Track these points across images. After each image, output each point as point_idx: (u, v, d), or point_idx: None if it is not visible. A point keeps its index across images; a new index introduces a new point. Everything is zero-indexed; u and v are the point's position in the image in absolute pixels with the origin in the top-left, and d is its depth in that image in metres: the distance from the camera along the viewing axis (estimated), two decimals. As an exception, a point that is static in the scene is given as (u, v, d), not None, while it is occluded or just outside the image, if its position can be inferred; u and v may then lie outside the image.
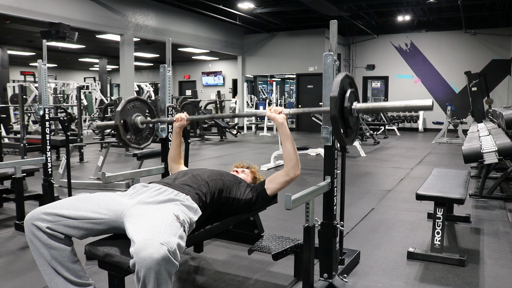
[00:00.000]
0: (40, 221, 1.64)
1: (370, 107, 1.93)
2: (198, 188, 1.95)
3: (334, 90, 1.81)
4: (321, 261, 2.14)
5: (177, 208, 1.74)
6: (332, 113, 1.80)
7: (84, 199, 1.75)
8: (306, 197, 1.91)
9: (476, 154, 4.07)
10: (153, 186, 1.90)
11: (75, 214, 1.67)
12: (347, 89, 1.91)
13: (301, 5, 10.41)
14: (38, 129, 9.47)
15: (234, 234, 2.61)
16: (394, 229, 3.33)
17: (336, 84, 1.83)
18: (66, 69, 19.79)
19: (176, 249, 1.47)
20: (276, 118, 2.07)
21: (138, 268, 1.42)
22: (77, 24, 8.64)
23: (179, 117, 2.41)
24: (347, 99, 1.87)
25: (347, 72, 1.97)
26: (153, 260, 1.39)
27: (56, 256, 1.67)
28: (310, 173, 5.84)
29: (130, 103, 2.50)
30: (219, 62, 16.82)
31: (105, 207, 1.71)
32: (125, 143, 2.48)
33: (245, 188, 2.16)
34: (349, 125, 1.94)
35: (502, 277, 2.44)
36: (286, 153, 2.09)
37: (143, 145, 2.61)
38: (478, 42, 13.00)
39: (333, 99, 1.79)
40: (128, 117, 2.48)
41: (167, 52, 2.73)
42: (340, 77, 1.85)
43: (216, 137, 11.13)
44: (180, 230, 1.59)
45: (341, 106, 1.86)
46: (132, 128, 2.50)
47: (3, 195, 3.80)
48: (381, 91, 14.91)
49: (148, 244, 1.42)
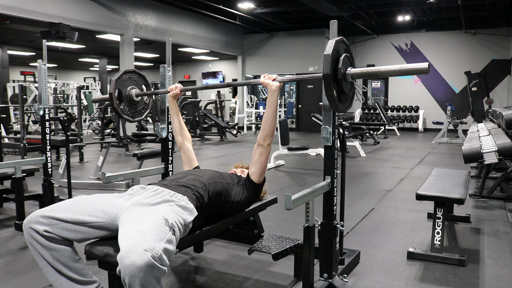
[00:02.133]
0: (37, 224, 1.64)
1: (365, 71, 1.88)
2: (196, 189, 1.94)
3: (328, 49, 1.75)
4: (321, 261, 2.14)
5: (169, 209, 1.73)
6: (324, 71, 1.72)
7: (81, 201, 1.74)
8: (306, 197, 1.91)
9: (476, 154, 4.07)
10: (151, 188, 1.90)
11: (71, 218, 1.67)
12: (342, 53, 1.85)
13: (301, 5, 10.41)
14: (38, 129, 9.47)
15: (234, 234, 2.61)
16: (394, 229, 3.33)
17: (330, 44, 1.77)
18: (66, 69, 19.79)
19: (161, 254, 1.45)
20: (270, 84, 2.10)
21: (123, 275, 1.41)
22: (77, 24, 8.64)
23: (174, 86, 2.46)
24: (341, 61, 1.81)
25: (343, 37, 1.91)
26: (136, 267, 1.38)
27: (57, 257, 1.67)
28: (310, 173, 5.84)
29: (126, 74, 2.50)
30: (219, 62, 16.82)
31: (101, 210, 1.71)
32: (117, 113, 2.47)
33: (241, 186, 2.18)
34: (343, 90, 1.86)
35: (502, 277, 2.44)
36: (264, 120, 2.16)
37: (136, 118, 2.60)
38: (478, 42, 13.00)
39: (327, 57, 1.72)
40: (124, 88, 2.48)
41: (167, 52, 2.73)
42: (335, 39, 1.81)
43: (216, 137, 11.13)
44: (169, 234, 1.57)
45: (335, 68, 1.79)
46: (126, 99, 2.49)
47: (3, 195, 3.80)
48: (381, 91, 14.92)
49: (132, 251, 1.41)
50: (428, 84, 13.78)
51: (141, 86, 2.60)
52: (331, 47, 1.76)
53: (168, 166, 2.66)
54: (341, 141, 2.24)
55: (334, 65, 1.79)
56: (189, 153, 2.47)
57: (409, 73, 1.80)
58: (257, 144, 2.18)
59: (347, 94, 1.93)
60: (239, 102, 14.38)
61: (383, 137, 11.13)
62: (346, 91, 1.90)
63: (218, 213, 2.08)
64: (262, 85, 2.15)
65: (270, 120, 2.14)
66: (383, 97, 14.67)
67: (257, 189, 2.23)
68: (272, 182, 5.16)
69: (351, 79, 1.87)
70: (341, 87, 1.85)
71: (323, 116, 2.06)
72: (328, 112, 2.03)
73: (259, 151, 2.18)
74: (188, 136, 2.53)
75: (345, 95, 1.91)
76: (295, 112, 14.49)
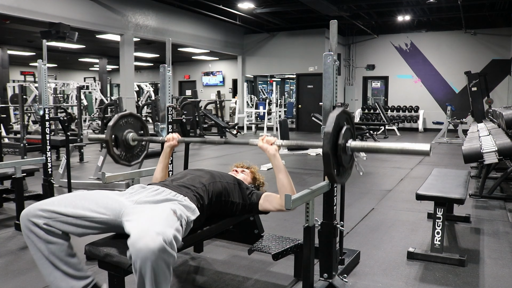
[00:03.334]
0: (36, 217, 1.63)
1: (365, 146, 1.83)
2: (196, 190, 1.94)
3: (328, 125, 1.73)
4: (321, 261, 2.14)
5: (174, 205, 1.74)
6: (324, 150, 1.70)
7: (82, 197, 1.74)
8: (306, 197, 1.91)
9: (476, 154, 4.07)
10: (151, 187, 1.90)
11: (72, 212, 1.66)
12: (343, 125, 1.83)
13: (301, 5, 10.40)
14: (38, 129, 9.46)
15: (234, 234, 2.61)
16: (394, 229, 3.33)
17: (331, 119, 1.75)
18: (66, 69, 19.78)
19: (172, 240, 1.45)
20: (268, 149, 1.99)
21: (134, 259, 1.40)
22: (77, 24, 8.63)
23: (171, 137, 2.34)
24: (342, 136, 1.78)
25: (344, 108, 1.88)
26: (149, 250, 1.38)
27: (53, 251, 1.66)
28: (310, 173, 5.84)
29: (123, 119, 2.45)
30: (219, 62, 16.82)
31: (103, 206, 1.71)
32: (114, 159, 2.42)
33: (244, 191, 2.13)
34: (342, 163, 1.83)
35: (502, 277, 2.44)
36: (280, 185, 1.98)
37: (133, 162, 2.54)
38: (478, 42, 12.99)
39: (327, 134, 1.70)
40: (120, 132, 2.43)
41: (167, 52, 2.73)
42: (336, 112, 1.78)
43: (216, 137, 11.13)
44: (177, 224, 1.58)
45: (335, 143, 1.77)
46: (123, 144, 2.44)
47: (3, 195, 3.80)
48: (381, 91, 14.92)
49: (144, 234, 1.41)
50: (428, 84, 13.77)
51: (137, 129, 2.55)
52: (332, 122, 1.73)
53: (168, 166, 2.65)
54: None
55: (334, 141, 1.76)
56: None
57: (411, 153, 1.76)
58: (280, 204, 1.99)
59: (346, 167, 1.90)
60: (239, 102, 14.37)
61: (383, 137, 11.13)
62: (345, 164, 1.86)
63: (219, 213, 2.08)
64: (261, 149, 2.03)
65: (288, 183, 1.98)
66: (383, 97, 14.67)
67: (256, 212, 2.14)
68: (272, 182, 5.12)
69: (350, 152, 1.84)
70: (340, 161, 1.81)
71: (323, 116, 2.06)
72: (328, 112, 2.03)
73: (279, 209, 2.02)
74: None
75: (343, 167, 1.88)
76: (295, 112, 14.49)
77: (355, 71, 14.75)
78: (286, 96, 18.01)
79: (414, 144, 1.72)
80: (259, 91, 16.83)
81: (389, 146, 1.80)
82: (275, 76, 16.78)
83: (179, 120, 3.14)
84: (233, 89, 16.40)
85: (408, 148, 1.73)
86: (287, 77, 17.88)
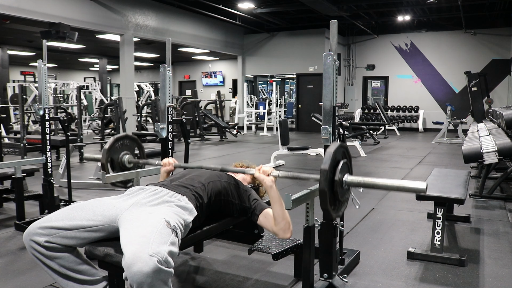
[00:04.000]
0: (37, 236, 1.66)
1: (361, 181, 1.80)
2: (195, 190, 1.94)
3: (325, 162, 1.71)
4: (321, 261, 2.14)
5: (170, 211, 1.73)
6: (320, 187, 1.69)
7: (78, 208, 1.75)
8: (306, 197, 1.91)
9: (476, 154, 4.07)
10: (149, 188, 1.90)
11: (70, 225, 1.67)
12: (339, 159, 1.82)
13: (301, 5, 10.40)
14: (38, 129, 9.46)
15: (234, 234, 2.61)
16: (394, 229, 3.33)
17: (328, 156, 1.73)
18: (66, 69, 19.78)
19: (167, 257, 1.46)
20: (265, 180, 1.94)
21: (130, 282, 1.43)
22: (77, 24, 8.63)
23: (167, 162, 2.31)
24: (339, 171, 1.77)
25: (342, 143, 1.88)
26: (143, 274, 1.39)
27: (63, 264, 1.69)
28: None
29: (118, 141, 2.44)
30: (219, 62, 16.82)
31: (100, 214, 1.71)
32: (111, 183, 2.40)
33: (243, 193, 2.11)
34: (338, 197, 1.81)
35: (502, 277, 2.44)
36: (276, 216, 1.94)
37: (129, 184, 2.51)
38: (478, 42, 12.99)
39: (324, 172, 1.69)
40: (116, 155, 2.42)
41: (167, 52, 2.73)
42: (333, 148, 1.76)
43: (216, 137, 11.13)
44: (172, 236, 1.57)
45: (332, 179, 1.75)
46: (119, 167, 2.43)
47: (3, 195, 3.80)
48: (381, 91, 14.92)
49: (137, 257, 1.42)
50: (428, 84, 13.78)
51: (133, 150, 2.54)
52: (328, 158, 1.72)
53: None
54: (341, 141, 2.24)
55: (331, 177, 1.74)
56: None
57: (407, 191, 1.74)
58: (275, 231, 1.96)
59: (342, 201, 1.88)
60: (239, 102, 14.37)
61: (383, 137, 11.13)
62: (341, 199, 1.85)
63: (218, 212, 2.07)
64: (257, 179, 2.00)
65: (282, 215, 1.93)
66: (383, 97, 14.67)
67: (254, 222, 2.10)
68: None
69: (347, 186, 1.82)
70: (336, 196, 1.80)
71: (323, 116, 2.06)
72: (328, 112, 2.03)
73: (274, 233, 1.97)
74: None
75: (340, 202, 1.86)
76: (295, 112, 14.49)
77: (355, 71, 14.75)
78: (286, 96, 18.01)
79: (411, 182, 1.70)
80: (259, 91, 16.82)
81: (386, 182, 1.77)
82: (275, 76, 16.78)
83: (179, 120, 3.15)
84: (233, 89, 16.40)
85: (405, 186, 1.72)
86: (287, 77, 17.88)
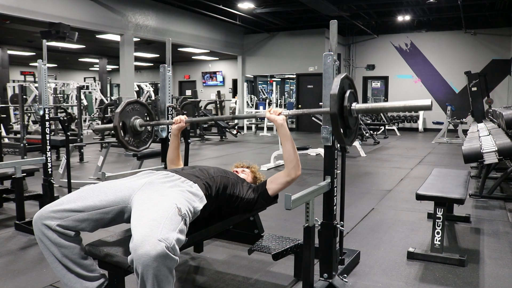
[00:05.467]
0: (49, 219, 1.65)
1: (369, 107, 1.95)
2: (205, 179, 1.97)
3: (334, 88, 1.82)
4: (321, 261, 2.14)
5: (181, 196, 1.74)
6: (331, 111, 1.80)
7: (90, 190, 1.75)
8: (306, 197, 1.91)
9: (476, 154, 4.07)
10: (160, 172, 1.92)
11: (82, 206, 1.68)
12: (346, 89, 1.92)
13: (301, 5, 10.40)
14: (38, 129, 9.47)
15: (234, 234, 2.61)
16: (394, 229, 3.33)
17: (336, 83, 1.84)
18: (66, 69, 19.78)
19: (174, 244, 1.46)
20: (276, 119, 2.07)
21: (136, 264, 1.42)
22: (77, 24, 8.63)
23: (178, 119, 2.40)
24: (347, 99, 1.89)
25: (346, 73, 1.98)
26: (150, 257, 1.39)
27: (66, 254, 1.68)
28: (310, 173, 5.84)
29: (129, 106, 2.49)
30: (219, 62, 16.82)
31: (112, 194, 1.72)
32: (123, 145, 2.47)
33: (247, 188, 2.15)
34: (349, 125, 1.94)
35: (502, 277, 2.44)
36: (287, 154, 2.08)
37: (141, 148, 2.60)
38: (478, 42, 12.99)
39: (333, 96, 1.80)
40: (127, 119, 2.47)
41: (167, 52, 2.73)
42: (340, 77, 1.86)
43: (216, 137, 11.13)
44: (181, 224, 1.58)
45: (341, 105, 1.87)
46: (130, 130, 2.49)
47: (3, 195, 3.80)
48: (381, 91, 14.91)
49: (146, 240, 1.42)
50: (428, 84, 13.77)
51: (143, 115, 2.59)
52: (337, 85, 1.82)
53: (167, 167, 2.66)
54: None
55: (340, 103, 1.87)
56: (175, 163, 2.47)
57: (413, 109, 1.84)
58: (287, 174, 2.07)
59: (352, 129, 2.01)
60: (239, 102, 14.38)
61: (383, 137, 11.13)
62: (352, 126, 1.98)
63: (222, 208, 2.07)
64: (268, 120, 2.13)
65: (293, 151, 2.06)
66: (383, 97, 14.67)
67: (267, 200, 2.13)
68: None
69: (356, 114, 1.93)
70: (347, 123, 1.93)
71: (323, 116, 2.07)
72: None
73: (287, 180, 2.07)
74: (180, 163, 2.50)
75: (350, 129, 1.99)
76: (295, 112, 14.48)
77: (355, 71, 14.74)
78: (286, 96, 18.02)
79: (416, 101, 1.81)
80: (259, 91, 16.83)
81: (392, 104, 1.90)
82: (275, 76, 16.78)
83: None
84: (233, 89, 16.40)
85: (411, 105, 1.82)
86: (287, 77, 17.88)
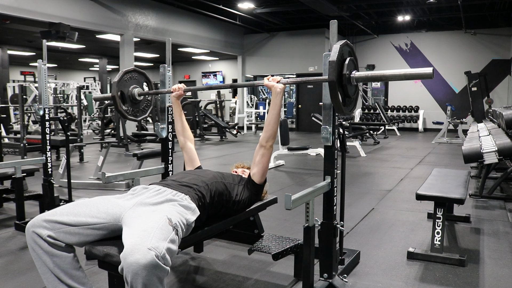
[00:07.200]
0: (41, 228, 1.64)
1: (369, 75, 1.88)
2: (198, 189, 1.94)
3: (333, 55, 1.74)
4: (321, 261, 2.14)
5: (172, 209, 1.73)
6: (330, 78, 1.73)
7: (84, 204, 1.74)
8: (306, 197, 1.91)
9: (476, 154, 4.07)
10: (153, 187, 1.90)
11: (74, 221, 1.67)
12: (346, 57, 1.85)
13: (301, 5, 10.41)
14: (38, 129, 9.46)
15: (234, 234, 2.61)
16: (394, 229, 3.33)
17: (335, 50, 1.75)
18: (66, 69, 19.78)
19: (165, 253, 1.45)
20: (275, 86, 2.09)
21: (126, 273, 1.41)
22: (77, 24, 8.64)
23: (177, 87, 2.46)
24: (346, 66, 1.81)
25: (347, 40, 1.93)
26: (139, 266, 1.38)
27: (58, 264, 1.66)
28: (310, 173, 5.84)
29: (127, 74, 2.48)
30: (219, 62, 16.82)
31: (104, 211, 1.71)
32: (122, 114, 2.48)
33: (242, 186, 2.17)
34: (348, 93, 1.87)
35: (502, 277, 2.44)
36: (267, 121, 2.15)
37: (140, 117, 2.61)
38: (478, 42, 13.00)
39: (332, 63, 1.72)
40: (126, 88, 2.47)
41: (167, 52, 2.73)
42: (339, 44, 1.80)
43: (216, 137, 11.13)
44: (172, 234, 1.57)
45: (340, 73, 1.79)
46: (129, 99, 2.49)
47: (3, 195, 3.80)
48: (381, 91, 14.91)
49: (136, 249, 1.41)
50: (428, 84, 13.77)
51: (142, 84, 2.60)
52: (336, 52, 1.75)
53: (168, 166, 2.66)
54: (341, 141, 2.24)
55: (339, 71, 1.79)
56: (191, 153, 2.49)
57: (414, 78, 1.78)
58: (259, 145, 2.18)
59: (352, 97, 1.95)
60: (239, 102, 14.38)
61: (383, 137, 11.13)
62: (351, 94, 1.91)
63: (220, 212, 2.08)
64: (267, 87, 2.15)
65: (274, 122, 2.14)
66: (383, 97, 14.67)
67: (258, 189, 2.22)
68: (272, 182, 5.15)
69: (355, 82, 1.88)
70: (346, 91, 1.86)
71: (323, 116, 2.06)
72: (328, 112, 2.03)
73: (261, 152, 2.17)
74: (190, 137, 2.55)
75: (349, 98, 1.93)
76: (295, 112, 14.49)
77: (355, 71, 14.73)
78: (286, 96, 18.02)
79: (417, 69, 1.74)
80: (259, 91, 16.83)
81: (393, 72, 1.83)
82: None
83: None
84: (233, 89, 16.40)
85: (412, 73, 1.76)
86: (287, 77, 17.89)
